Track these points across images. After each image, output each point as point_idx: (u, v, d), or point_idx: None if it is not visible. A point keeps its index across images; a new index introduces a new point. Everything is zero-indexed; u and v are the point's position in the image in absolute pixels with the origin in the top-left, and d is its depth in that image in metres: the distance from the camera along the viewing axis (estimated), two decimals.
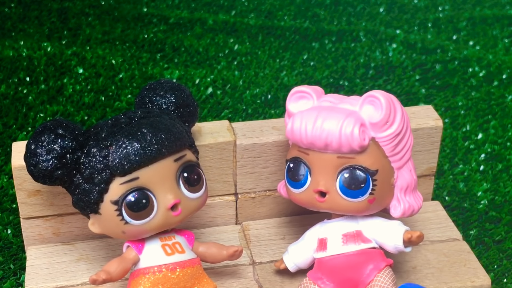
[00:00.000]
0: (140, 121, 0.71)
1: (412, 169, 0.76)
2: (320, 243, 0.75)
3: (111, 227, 0.71)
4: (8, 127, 1.11)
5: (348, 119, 0.71)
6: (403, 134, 0.73)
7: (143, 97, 0.77)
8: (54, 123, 0.70)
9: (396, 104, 0.73)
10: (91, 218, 0.72)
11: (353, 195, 0.72)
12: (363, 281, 0.73)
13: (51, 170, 0.69)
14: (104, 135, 0.70)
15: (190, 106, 0.77)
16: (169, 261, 0.72)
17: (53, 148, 0.69)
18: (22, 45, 1.32)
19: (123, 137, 0.69)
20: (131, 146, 0.69)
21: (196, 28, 1.41)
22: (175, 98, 0.76)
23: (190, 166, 0.72)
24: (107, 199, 0.69)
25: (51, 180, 0.70)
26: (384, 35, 1.40)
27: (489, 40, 1.41)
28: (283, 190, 0.79)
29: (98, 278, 0.69)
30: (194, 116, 0.78)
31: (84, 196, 0.70)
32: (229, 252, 0.76)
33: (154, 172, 0.70)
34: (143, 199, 0.69)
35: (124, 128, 0.70)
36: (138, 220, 0.70)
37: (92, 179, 0.69)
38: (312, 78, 1.26)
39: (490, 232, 0.95)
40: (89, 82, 1.23)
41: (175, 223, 0.72)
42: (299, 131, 0.73)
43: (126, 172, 0.69)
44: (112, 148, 0.69)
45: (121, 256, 0.72)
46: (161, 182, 0.70)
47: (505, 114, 1.18)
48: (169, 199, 0.70)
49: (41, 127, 0.70)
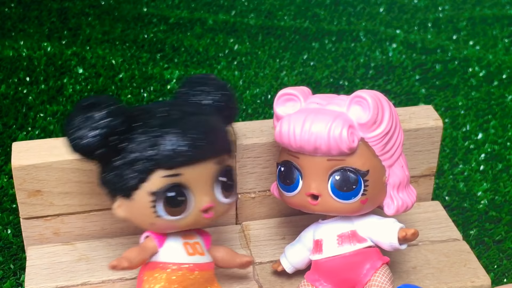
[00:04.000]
0: (193, 117, 0.70)
1: (403, 165, 0.75)
2: (316, 245, 0.75)
3: (140, 216, 0.69)
4: (8, 127, 1.11)
5: (336, 122, 0.70)
6: (392, 132, 0.73)
7: (190, 88, 0.75)
8: (107, 99, 0.68)
9: (384, 102, 0.73)
10: (118, 201, 0.70)
11: (345, 197, 0.72)
12: (361, 281, 0.73)
13: (95, 147, 0.67)
14: (155, 124, 0.68)
15: (233, 109, 0.76)
16: (189, 261, 0.71)
17: (102, 125, 0.67)
18: (22, 45, 1.32)
19: (176, 131, 0.68)
20: (183, 142, 0.67)
21: (196, 28, 1.41)
22: (221, 98, 0.74)
23: (228, 171, 0.71)
24: (144, 188, 0.68)
25: (90, 157, 0.69)
26: (384, 35, 1.40)
27: (489, 40, 1.41)
28: (276, 191, 0.79)
29: (119, 264, 0.67)
30: (233, 119, 0.77)
31: (121, 180, 0.68)
32: (242, 261, 0.76)
33: (196, 171, 0.69)
34: (181, 196, 0.68)
35: (177, 121, 0.69)
36: (171, 215, 0.69)
37: (134, 166, 0.68)
38: (312, 78, 1.26)
39: (490, 232, 0.95)
40: (89, 82, 1.23)
41: (203, 225, 0.72)
42: (288, 135, 0.72)
43: (172, 166, 0.68)
44: (163, 139, 0.67)
45: (140, 246, 0.71)
46: (200, 183, 0.69)
47: (505, 114, 1.18)
48: (205, 201, 0.70)
49: (93, 100, 0.68)
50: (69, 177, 0.80)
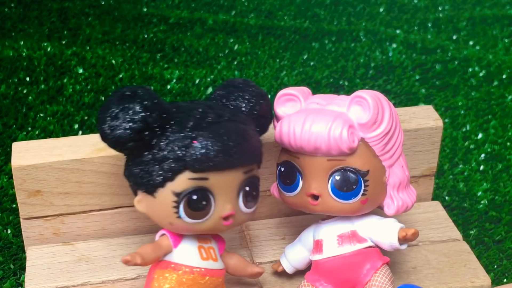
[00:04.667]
0: (228, 123, 0.69)
1: (403, 165, 0.75)
2: (316, 245, 0.75)
3: (160, 215, 0.69)
4: (8, 127, 1.11)
5: (336, 122, 0.70)
6: (392, 132, 0.73)
7: (229, 93, 0.74)
8: (145, 91, 0.67)
9: (384, 102, 0.72)
10: (140, 195, 0.69)
11: (345, 197, 0.72)
12: (361, 281, 0.73)
13: (127, 140, 0.66)
14: (190, 124, 0.67)
15: (268, 118, 0.75)
16: (202, 266, 0.71)
17: (137, 119, 0.66)
18: (22, 45, 1.32)
19: (210, 135, 0.67)
20: (215, 147, 0.67)
21: (196, 28, 1.41)
22: (259, 106, 0.74)
23: (254, 181, 0.71)
24: (169, 187, 0.67)
25: (121, 148, 0.68)
26: (384, 35, 1.40)
27: (489, 40, 1.41)
28: (276, 192, 0.79)
29: (132, 260, 0.66)
30: (267, 128, 0.76)
31: (147, 175, 0.68)
32: (253, 271, 0.75)
33: (223, 178, 0.68)
34: (204, 200, 0.68)
35: (212, 125, 0.68)
36: (191, 218, 0.68)
37: (163, 163, 0.67)
38: (312, 78, 1.26)
39: (490, 232, 0.95)
40: (89, 82, 1.23)
41: (221, 231, 0.71)
42: (288, 135, 0.72)
43: (201, 170, 0.67)
44: (196, 142, 0.67)
45: (156, 243, 0.70)
46: (225, 190, 0.69)
47: (505, 114, 1.18)
48: (227, 209, 0.69)
49: (130, 91, 0.67)
50: (69, 177, 0.80)
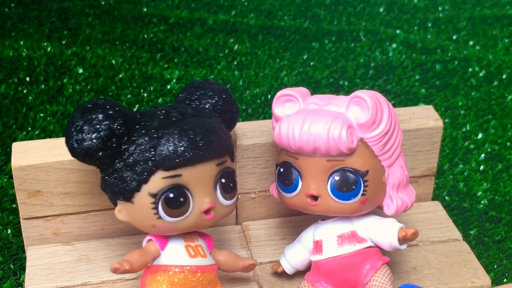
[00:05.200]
0: (192, 119, 0.70)
1: (403, 165, 0.75)
2: (316, 246, 0.75)
3: (141, 219, 0.69)
4: (8, 127, 1.11)
5: (335, 122, 0.70)
6: (391, 132, 0.73)
7: (190, 94, 0.75)
8: (106, 102, 0.68)
9: (383, 102, 0.72)
10: (119, 205, 0.70)
11: (345, 197, 0.72)
12: (361, 281, 0.73)
13: (95, 150, 0.67)
14: (155, 125, 0.68)
15: (233, 112, 0.76)
16: (191, 263, 0.71)
17: (101, 128, 0.67)
18: (22, 45, 1.32)
19: (175, 131, 0.68)
20: (183, 143, 0.67)
21: (196, 28, 1.41)
22: (222, 101, 0.75)
23: (229, 172, 0.72)
24: (145, 190, 0.68)
25: (91, 160, 0.69)
26: (384, 35, 1.40)
27: (489, 40, 1.41)
28: (275, 192, 0.79)
29: (120, 267, 0.67)
30: (234, 122, 0.77)
31: (122, 183, 0.68)
32: (245, 264, 0.76)
33: (197, 173, 0.69)
34: (182, 197, 0.68)
35: (176, 122, 0.69)
36: (172, 217, 0.69)
37: (135, 168, 0.68)
38: (312, 78, 1.26)
39: (490, 232, 0.95)
40: (89, 82, 1.23)
41: (204, 227, 0.72)
42: (287, 136, 0.72)
43: (172, 167, 0.68)
44: (162, 140, 0.67)
45: (142, 249, 0.71)
46: (200, 184, 0.69)
47: (505, 114, 1.18)
48: (206, 202, 0.70)
49: (91, 104, 0.68)
50: (69, 177, 0.80)
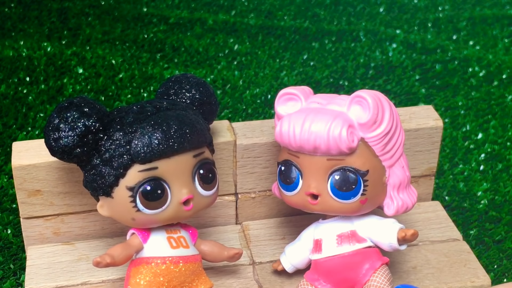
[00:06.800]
0: (166, 112, 0.71)
1: (404, 166, 0.75)
2: (315, 245, 0.75)
3: (121, 212, 0.71)
4: (8, 127, 1.11)
5: (336, 121, 0.70)
6: (392, 132, 0.73)
7: (168, 88, 0.76)
8: (80, 100, 0.70)
9: (384, 102, 0.72)
10: (100, 200, 0.72)
11: (344, 197, 0.72)
12: (360, 280, 0.73)
13: (72, 147, 0.69)
14: (129, 120, 0.70)
15: (212, 104, 0.77)
16: (173, 254, 0.72)
17: (77, 125, 0.69)
18: (22, 45, 1.32)
19: (149, 125, 0.69)
20: (156, 135, 0.69)
21: (196, 28, 1.41)
22: (199, 94, 0.76)
23: (207, 163, 0.73)
24: (122, 184, 0.69)
25: (69, 157, 0.70)
26: (384, 35, 1.40)
27: (489, 40, 1.41)
28: (277, 191, 0.79)
29: (102, 261, 0.69)
30: (213, 115, 0.78)
31: (100, 178, 0.70)
32: (230, 254, 0.77)
33: (173, 164, 0.70)
34: (159, 189, 0.69)
35: (150, 116, 0.70)
36: (150, 209, 0.70)
37: (111, 163, 0.69)
38: (312, 78, 1.26)
39: (490, 232, 0.95)
40: (89, 82, 1.23)
41: (184, 218, 0.73)
42: (288, 134, 0.72)
43: (147, 160, 0.69)
44: (136, 134, 0.69)
45: (125, 242, 0.72)
46: (177, 176, 0.70)
47: (505, 114, 1.18)
48: (183, 193, 0.71)
49: (67, 103, 0.70)
50: (69, 177, 0.80)
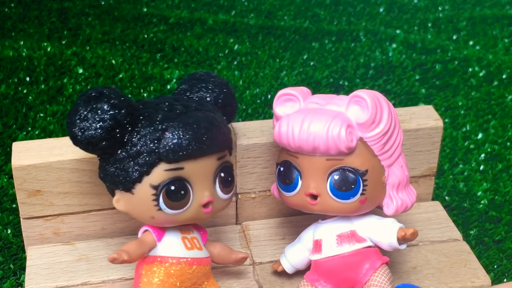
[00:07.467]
0: (196, 112, 0.70)
1: (403, 165, 0.75)
2: (315, 245, 0.75)
3: (141, 210, 0.70)
4: (8, 127, 1.11)
5: (335, 121, 0.70)
6: (391, 132, 0.73)
7: (191, 86, 0.75)
8: (111, 91, 0.69)
9: (383, 102, 0.72)
10: (117, 194, 0.70)
11: (344, 197, 0.72)
12: (360, 280, 0.73)
13: (99, 139, 0.67)
14: (159, 117, 0.69)
15: (233, 106, 0.77)
16: (188, 255, 0.72)
17: (106, 118, 0.67)
18: (22, 45, 1.32)
19: (180, 125, 0.68)
20: (187, 136, 0.68)
21: (196, 28, 1.41)
22: (223, 95, 0.75)
23: (228, 167, 0.72)
24: (146, 181, 0.68)
25: (94, 149, 0.69)
26: (384, 35, 1.40)
27: (489, 40, 1.41)
28: (276, 192, 0.79)
29: (119, 257, 0.67)
30: (233, 116, 0.78)
31: (123, 173, 0.69)
32: (237, 257, 0.76)
33: (198, 166, 0.69)
34: (182, 190, 0.69)
35: (180, 116, 0.69)
36: (172, 209, 0.69)
37: (137, 159, 0.68)
38: (312, 78, 1.26)
39: (490, 232, 0.95)
40: (89, 82, 1.23)
41: (202, 220, 0.72)
42: (286, 135, 0.72)
43: (175, 160, 0.68)
44: (167, 133, 0.68)
45: (139, 239, 0.71)
46: (201, 178, 0.70)
47: (505, 114, 1.18)
48: (205, 196, 0.70)
49: (96, 92, 0.68)
50: (69, 177, 0.80)
